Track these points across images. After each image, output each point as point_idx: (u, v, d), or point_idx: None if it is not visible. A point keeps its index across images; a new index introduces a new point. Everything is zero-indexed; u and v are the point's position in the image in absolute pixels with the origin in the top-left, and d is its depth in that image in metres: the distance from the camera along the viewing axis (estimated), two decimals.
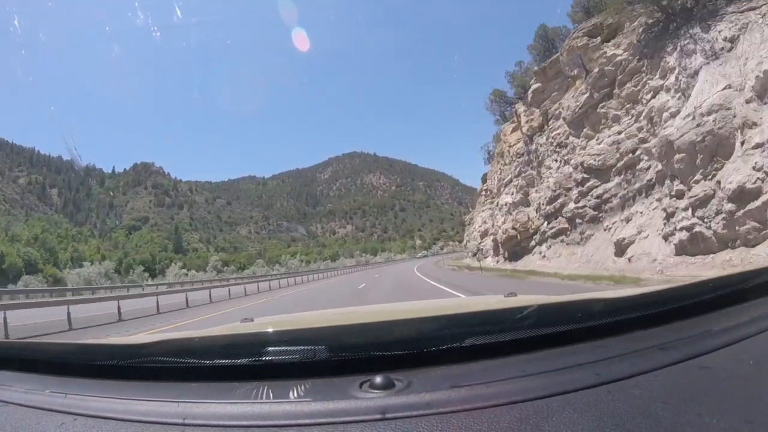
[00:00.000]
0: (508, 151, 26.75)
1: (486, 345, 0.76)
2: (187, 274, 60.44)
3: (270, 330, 1.19)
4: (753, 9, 11.36)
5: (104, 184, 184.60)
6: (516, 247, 23.99)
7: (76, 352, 0.99)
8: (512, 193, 24.94)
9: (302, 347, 0.78)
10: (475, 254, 36.25)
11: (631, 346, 0.75)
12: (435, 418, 0.58)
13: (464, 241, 49.58)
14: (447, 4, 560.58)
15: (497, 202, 28.52)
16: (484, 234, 34.16)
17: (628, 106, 15.86)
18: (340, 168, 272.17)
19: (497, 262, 26.98)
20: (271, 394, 0.70)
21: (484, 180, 43.11)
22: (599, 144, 16.84)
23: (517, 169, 24.42)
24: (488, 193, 36.32)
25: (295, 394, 0.69)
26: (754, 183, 9.15)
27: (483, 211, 37.28)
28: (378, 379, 0.67)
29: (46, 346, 1.13)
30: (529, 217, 22.46)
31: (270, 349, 0.79)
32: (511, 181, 25.82)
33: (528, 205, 23.24)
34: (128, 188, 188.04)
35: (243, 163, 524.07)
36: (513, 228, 23.45)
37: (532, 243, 22.20)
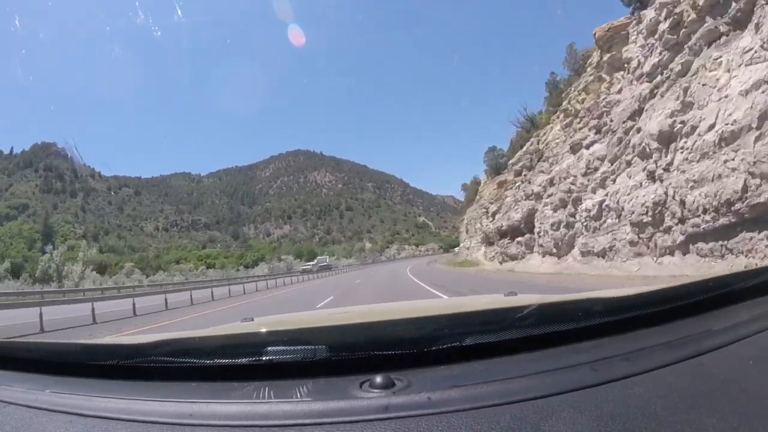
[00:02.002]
0: None
1: (486, 344, 0.75)
2: None
3: (270, 330, 1.18)
4: None
5: None
6: None
7: (77, 352, 0.98)
8: None
9: (303, 347, 0.78)
10: (556, 248, 13.73)
11: (631, 345, 0.74)
12: (435, 418, 0.58)
13: (465, 231, 28.18)
14: (406, 7, 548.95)
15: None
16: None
17: None
18: (283, 165, 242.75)
19: None
20: (272, 394, 0.69)
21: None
22: None
23: None
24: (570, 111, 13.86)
25: (296, 394, 0.68)
26: None
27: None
28: (378, 379, 0.66)
29: (45, 345, 1.13)
30: None
31: (270, 348, 0.79)
32: None
33: None
34: (16, 170, 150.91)
35: (180, 160, 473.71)
36: None
37: None
